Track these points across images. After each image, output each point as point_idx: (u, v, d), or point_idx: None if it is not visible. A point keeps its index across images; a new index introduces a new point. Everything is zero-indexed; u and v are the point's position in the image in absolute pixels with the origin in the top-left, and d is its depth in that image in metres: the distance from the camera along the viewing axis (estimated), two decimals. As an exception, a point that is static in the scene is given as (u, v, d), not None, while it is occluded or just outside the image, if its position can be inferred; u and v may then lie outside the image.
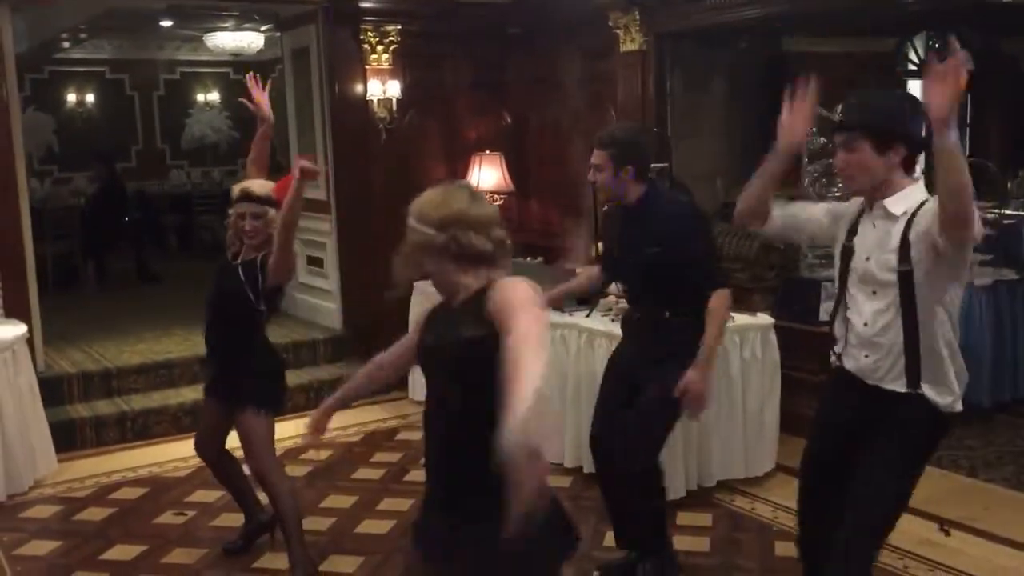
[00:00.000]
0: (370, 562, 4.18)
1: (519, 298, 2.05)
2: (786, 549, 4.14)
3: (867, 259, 2.75)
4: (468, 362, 2.17)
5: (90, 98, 12.52)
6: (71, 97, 12.38)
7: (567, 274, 5.31)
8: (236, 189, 3.86)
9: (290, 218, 3.61)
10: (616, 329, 4.75)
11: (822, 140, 5.51)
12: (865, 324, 2.77)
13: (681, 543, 4.17)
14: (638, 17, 6.23)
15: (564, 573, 2.34)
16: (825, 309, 5.46)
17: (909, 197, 2.70)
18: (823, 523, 2.99)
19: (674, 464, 4.58)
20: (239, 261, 3.85)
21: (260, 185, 3.84)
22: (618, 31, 6.37)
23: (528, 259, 5.86)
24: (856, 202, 2.90)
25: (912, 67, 8.59)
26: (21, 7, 6.67)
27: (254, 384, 3.89)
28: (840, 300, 2.89)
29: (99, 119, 12.54)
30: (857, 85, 6.01)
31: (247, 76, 4.09)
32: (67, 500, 5.03)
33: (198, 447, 4.18)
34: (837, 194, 5.53)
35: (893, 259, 2.68)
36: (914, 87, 8.63)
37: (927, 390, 2.72)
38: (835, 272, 2.94)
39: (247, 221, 3.77)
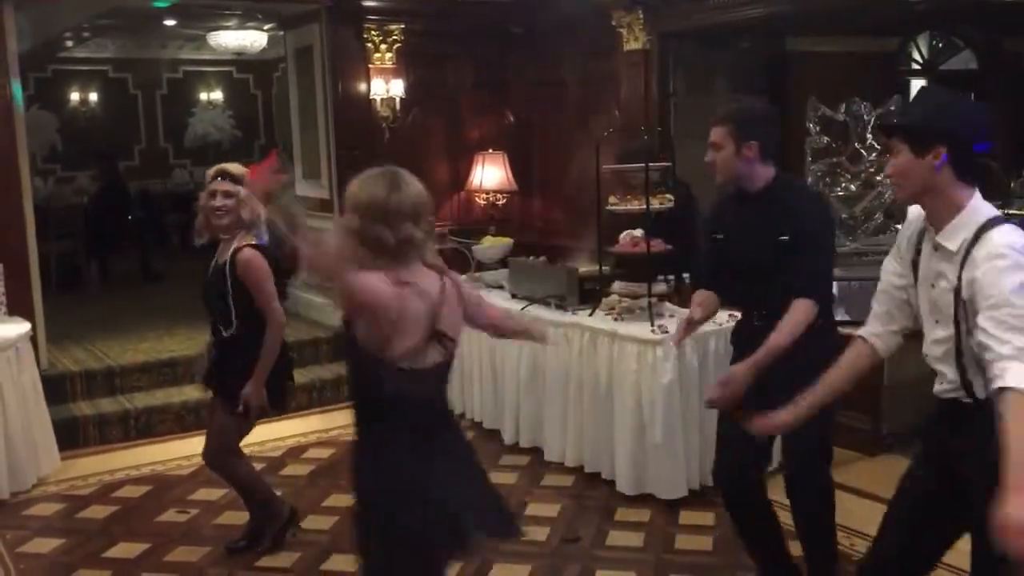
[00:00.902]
0: (372, 560, 4.18)
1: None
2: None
3: (932, 287, 2.52)
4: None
5: (93, 97, 12.53)
6: (74, 96, 12.39)
7: (571, 274, 5.33)
8: (212, 170, 3.95)
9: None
10: (621, 328, 4.77)
11: (825, 139, 5.50)
12: (930, 353, 2.58)
13: (683, 542, 4.17)
14: (641, 16, 6.23)
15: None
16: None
17: (965, 226, 2.42)
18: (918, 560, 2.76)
19: (676, 463, 4.58)
20: (215, 263, 3.98)
21: (236, 167, 3.95)
22: (621, 30, 6.37)
23: (531, 258, 5.86)
24: (910, 221, 2.66)
25: (915, 66, 8.60)
26: (25, 5, 6.68)
27: (232, 382, 3.96)
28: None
29: (102, 118, 12.55)
30: (859, 85, 6.02)
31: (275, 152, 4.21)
32: (70, 498, 5.04)
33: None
34: (840, 193, 5.54)
35: (950, 294, 2.44)
36: (916, 87, 8.63)
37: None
38: (900, 276, 2.67)
39: (218, 198, 3.86)
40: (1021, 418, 2.15)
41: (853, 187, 5.53)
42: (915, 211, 2.62)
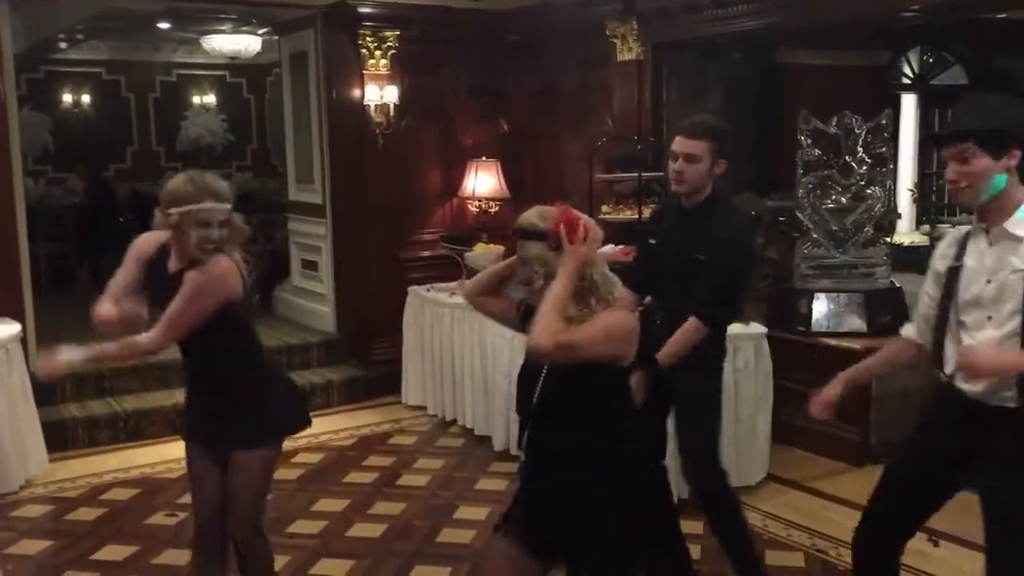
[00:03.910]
0: (360, 566, 4.18)
1: None
2: (776, 558, 4.17)
3: (988, 282, 2.58)
4: None
5: (86, 98, 12.50)
6: (67, 97, 12.35)
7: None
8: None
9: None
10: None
11: (817, 152, 5.54)
12: None
13: (672, 550, 4.17)
14: (635, 27, 6.27)
15: None
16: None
17: None
18: (887, 549, 2.88)
19: (666, 472, 4.59)
20: None
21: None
22: (615, 40, 6.41)
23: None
24: (951, 237, 2.77)
25: (906, 81, 8.66)
26: (20, 6, 6.68)
27: None
28: (944, 322, 2.70)
29: (95, 119, 12.51)
30: (850, 98, 6.06)
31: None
32: (58, 500, 5.03)
33: None
34: (831, 206, 5.57)
35: (1020, 283, 2.52)
36: (907, 101, 8.70)
37: None
38: (934, 292, 2.75)
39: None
40: None
41: (844, 200, 5.57)
42: (953, 233, 2.75)
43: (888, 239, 5.95)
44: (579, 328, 2.46)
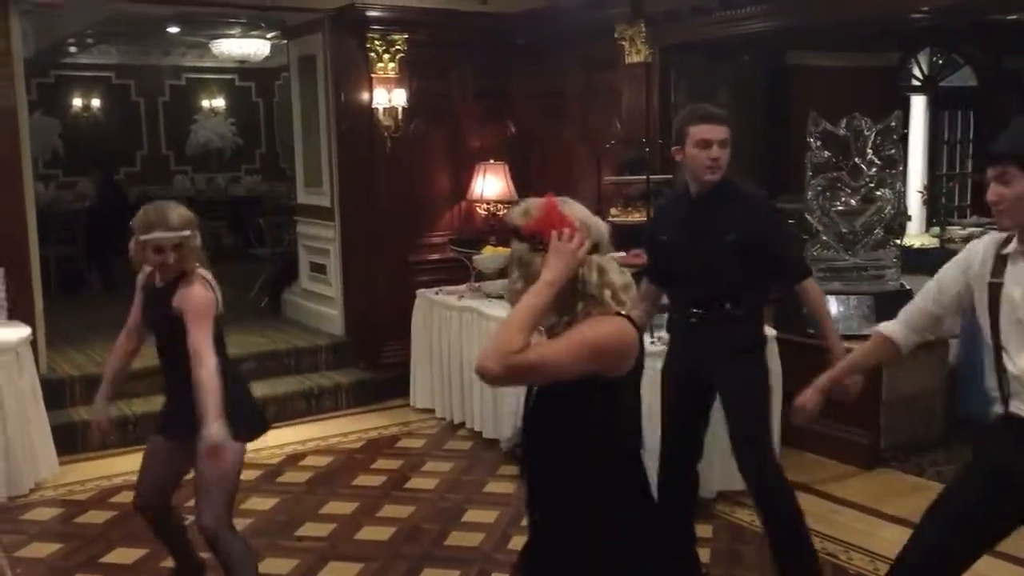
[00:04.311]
0: (369, 569, 4.18)
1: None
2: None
3: None
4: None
5: (96, 103, 12.58)
6: (77, 102, 12.43)
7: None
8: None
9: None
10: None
11: (826, 154, 5.52)
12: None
13: (681, 554, 4.16)
14: (643, 29, 6.26)
15: None
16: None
17: None
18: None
19: (674, 475, 4.57)
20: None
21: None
22: (623, 43, 6.40)
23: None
24: (984, 241, 2.70)
25: (916, 82, 8.64)
26: (30, 11, 6.71)
27: None
28: (996, 344, 2.59)
29: (104, 124, 12.59)
30: (859, 100, 6.04)
31: None
32: (68, 503, 5.04)
33: None
34: (840, 208, 5.55)
35: None
36: (917, 103, 8.68)
37: None
38: (984, 313, 2.62)
39: None
40: None
41: (853, 202, 5.55)
42: (990, 239, 2.67)
43: (898, 241, 5.93)
44: (546, 344, 2.13)
